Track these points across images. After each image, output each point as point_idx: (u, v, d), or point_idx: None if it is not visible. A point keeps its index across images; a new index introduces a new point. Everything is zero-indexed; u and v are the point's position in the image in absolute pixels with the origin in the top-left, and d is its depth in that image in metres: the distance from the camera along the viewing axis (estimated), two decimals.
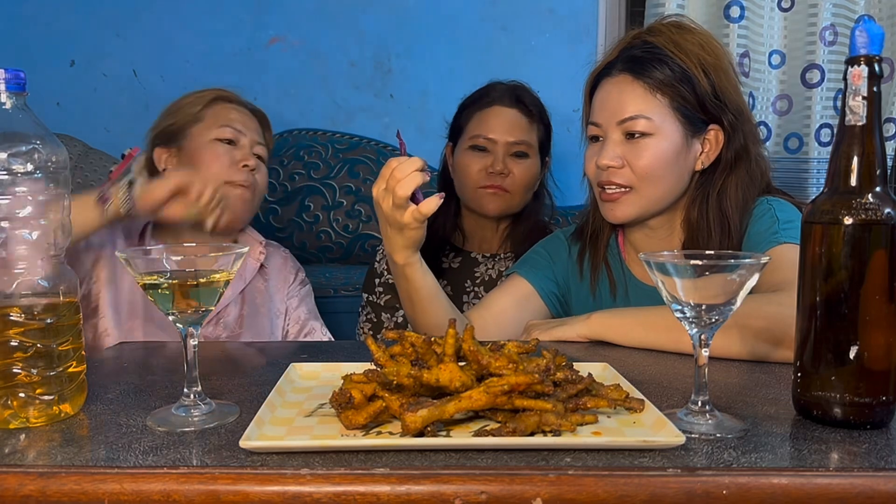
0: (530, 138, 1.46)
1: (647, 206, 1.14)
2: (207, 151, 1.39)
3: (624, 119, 1.11)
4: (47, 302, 0.72)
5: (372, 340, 0.74)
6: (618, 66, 1.14)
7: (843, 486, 0.58)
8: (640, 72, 1.11)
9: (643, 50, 1.13)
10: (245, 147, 1.42)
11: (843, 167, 0.69)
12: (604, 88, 1.15)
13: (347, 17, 2.54)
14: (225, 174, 1.37)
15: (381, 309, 1.53)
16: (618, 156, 1.11)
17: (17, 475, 0.59)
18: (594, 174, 1.16)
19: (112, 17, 2.54)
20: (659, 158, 1.11)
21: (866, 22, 0.70)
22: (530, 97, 1.48)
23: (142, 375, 0.90)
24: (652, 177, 1.12)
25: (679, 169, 1.13)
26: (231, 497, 0.57)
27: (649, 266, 0.71)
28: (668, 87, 1.10)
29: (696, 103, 1.12)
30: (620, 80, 1.13)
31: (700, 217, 1.14)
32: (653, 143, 1.10)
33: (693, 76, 1.10)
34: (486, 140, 1.44)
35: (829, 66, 2.30)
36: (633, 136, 1.11)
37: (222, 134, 1.40)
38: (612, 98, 1.13)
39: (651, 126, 1.10)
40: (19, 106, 0.72)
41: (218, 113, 1.43)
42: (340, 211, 2.42)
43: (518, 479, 0.58)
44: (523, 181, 1.44)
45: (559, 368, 0.73)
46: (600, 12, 2.53)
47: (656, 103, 1.11)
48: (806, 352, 0.71)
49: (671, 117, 1.11)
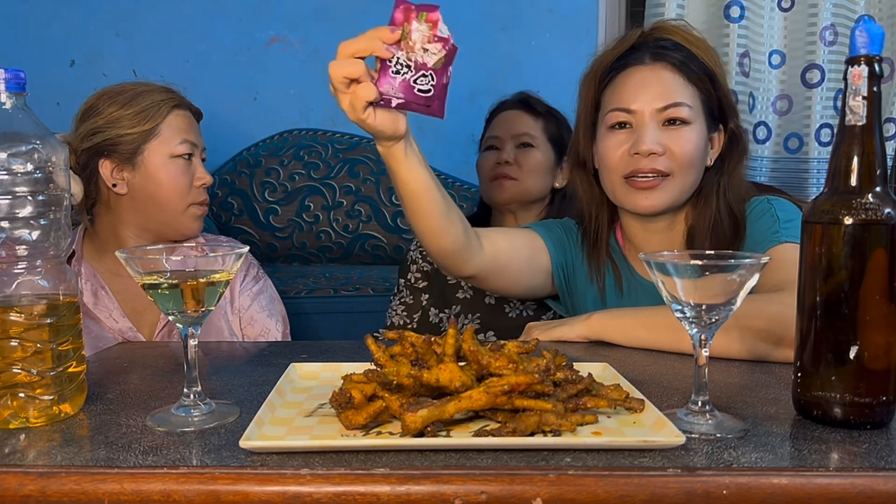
0: (534, 130, 1.57)
1: (679, 195, 1.13)
2: (168, 171, 1.30)
3: (668, 105, 1.10)
4: (47, 302, 0.72)
5: (372, 340, 0.74)
6: (647, 55, 1.13)
7: (843, 486, 0.58)
8: (676, 63, 1.11)
9: (671, 43, 1.13)
10: (198, 160, 1.35)
11: (843, 167, 0.69)
12: (636, 75, 1.13)
13: (347, 17, 2.54)
14: (187, 197, 1.31)
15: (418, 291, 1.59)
16: (659, 142, 1.09)
17: (17, 475, 0.59)
18: (623, 163, 1.12)
19: (112, 17, 2.55)
20: (697, 147, 1.11)
21: (866, 22, 0.70)
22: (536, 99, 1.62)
23: (142, 375, 0.90)
24: (690, 165, 1.11)
25: (702, 162, 1.14)
26: (231, 497, 0.57)
27: (649, 266, 0.71)
28: (698, 79, 1.12)
29: (715, 99, 1.14)
30: (657, 68, 1.12)
31: (717, 211, 1.14)
32: (689, 132, 1.11)
33: (713, 73, 1.13)
34: (494, 139, 1.60)
35: (829, 66, 2.30)
36: (673, 122, 1.10)
37: (181, 150, 1.31)
38: (649, 85, 1.11)
39: (690, 114, 1.10)
40: (19, 106, 0.72)
41: (173, 124, 1.32)
42: (340, 211, 2.42)
43: (518, 479, 0.58)
44: (529, 167, 1.55)
45: (559, 368, 0.73)
46: (600, 12, 2.53)
47: (690, 92, 1.12)
48: (806, 352, 0.71)
49: (700, 109, 1.13)
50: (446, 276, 1.54)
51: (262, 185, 2.45)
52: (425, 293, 1.59)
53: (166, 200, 1.31)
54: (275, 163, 2.47)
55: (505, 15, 2.53)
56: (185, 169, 1.32)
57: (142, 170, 1.30)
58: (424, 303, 1.58)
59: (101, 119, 1.30)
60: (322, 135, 2.53)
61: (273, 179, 2.45)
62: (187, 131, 1.33)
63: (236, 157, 2.52)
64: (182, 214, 1.33)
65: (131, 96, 1.31)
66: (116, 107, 1.30)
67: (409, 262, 1.62)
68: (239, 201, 2.44)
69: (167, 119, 1.31)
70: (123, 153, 1.29)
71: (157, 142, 1.30)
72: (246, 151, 2.53)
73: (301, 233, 2.42)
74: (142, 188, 1.30)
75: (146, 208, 1.31)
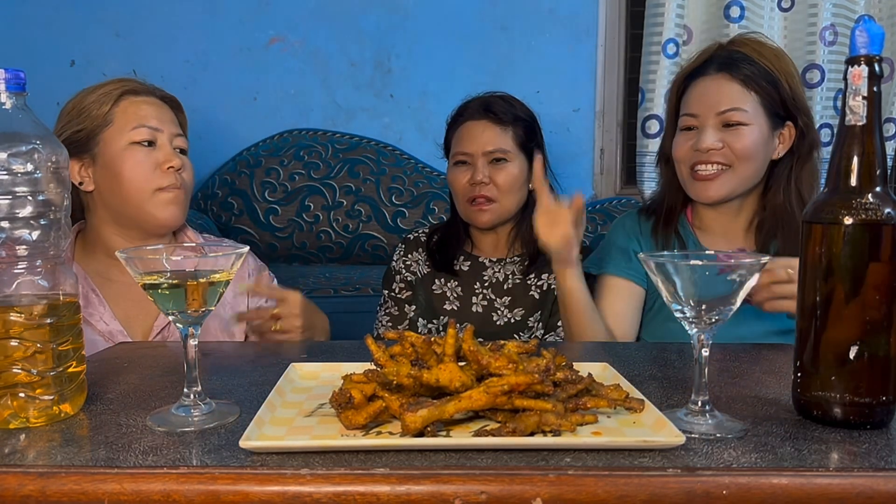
0: (504, 144, 1.51)
1: (739, 185, 1.30)
2: (126, 159, 1.25)
3: (723, 111, 1.28)
4: (47, 302, 0.72)
5: (372, 340, 0.74)
6: (713, 66, 1.31)
7: (843, 486, 0.58)
8: (735, 71, 1.29)
9: (736, 55, 1.31)
10: (165, 145, 1.29)
11: (843, 167, 0.69)
12: (700, 85, 1.32)
13: (347, 17, 2.54)
14: (151, 182, 1.26)
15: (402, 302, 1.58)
16: (717, 139, 1.28)
17: (17, 475, 0.59)
18: (688, 157, 1.31)
19: (112, 17, 2.55)
20: (754, 142, 1.27)
21: (866, 22, 0.70)
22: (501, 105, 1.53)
23: (142, 375, 0.90)
24: (748, 157, 1.28)
25: (764, 156, 1.30)
26: (231, 497, 0.57)
27: (648, 266, 0.71)
28: (759, 86, 1.28)
29: (779, 101, 1.29)
30: (718, 77, 1.30)
31: (785, 199, 1.30)
32: (747, 131, 1.27)
33: (776, 79, 1.29)
34: (465, 155, 1.53)
35: (829, 66, 2.30)
36: (730, 125, 1.28)
37: (138, 136, 1.26)
38: (710, 93, 1.30)
39: (746, 117, 1.27)
40: (19, 106, 0.72)
41: (128, 111, 1.28)
42: (340, 211, 2.42)
43: (518, 479, 0.58)
44: (507, 185, 1.51)
45: (559, 368, 0.73)
46: (600, 12, 2.53)
47: (750, 98, 1.28)
48: (806, 352, 0.71)
49: (761, 111, 1.28)
50: (432, 286, 1.54)
51: (262, 185, 2.45)
52: (410, 304, 1.57)
53: (128, 190, 1.26)
54: (275, 163, 2.47)
55: (505, 15, 2.53)
56: (146, 155, 1.26)
57: (101, 162, 1.27)
58: (411, 314, 1.56)
59: (62, 120, 1.30)
60: (322, 135, 2.53)
61: (273, 179, 2.45)
62: (145, 117, 1.28)
63: (236, 157, 2.52)
64: (149, 203, 1.27)
65: (87, 92, 1.30)
66: (71, 105, 1.30)
67: (394, 273, 1.60)
68: (239, 201, 2.44)
69: (120, 106, 1.28)
70: (82, 148, 1.28)
71: (110, 131, 1.27)
72: (246, 151, 2.53)
73: (301, 233, 2.42)
74: (104, 181, 1.28)
75: (113, 201, 1.28)
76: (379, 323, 1.60)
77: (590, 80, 2.54)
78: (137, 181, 1.26)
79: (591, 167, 2.60)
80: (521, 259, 1.55)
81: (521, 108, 1.55)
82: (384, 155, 2.49)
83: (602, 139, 2.60)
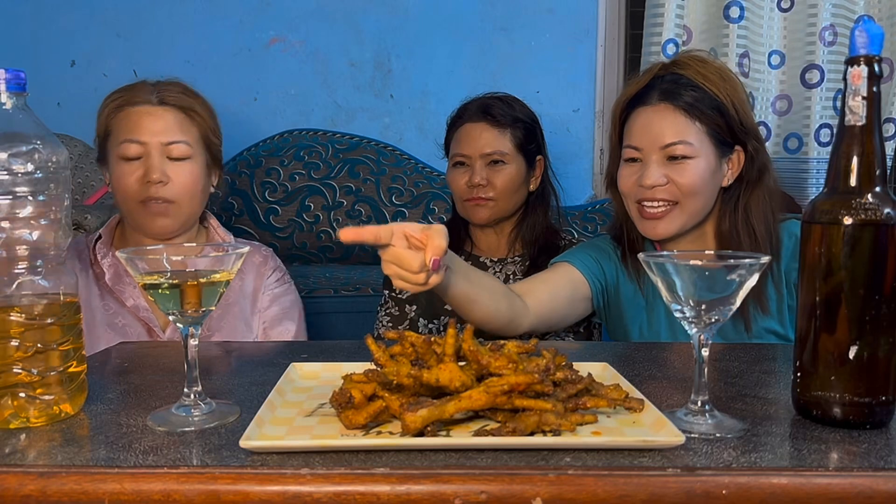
0: (503, 146, 1.52)
1: (688, 221, 1.24)
2: (115, 171, 1.31)
3: (667, 144, 1.21)
4: (47, 302, 0.72)
5: (372, 340, 0.74)
6: (655, 96, 1.24)
7: (843, 486, 0.58)
8: (677, 100, 1.22)
9: (677, 82, 1.24)
10: (151, 157, 1.29)
11: (843, 167, 0.69)
12: (642, 116, 1.25)
13: (347, 17, 2.54)
14: (137, 195, 1.29)
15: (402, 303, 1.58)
16: (662, 175, 1.22)
17: (18, 475, 0.59)
18: (634, 192, 1.25)
19: (112, 17, 2.55)
20: (700, 175, 1.21)
21: (866, 22, 0.70)
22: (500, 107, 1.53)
23: (142, 375, 0.90)
24: (694, 192, 1.22)
25: (713, 186, 1.24)
26: (231, 497, 0.57)
27: (648, 266, 0.71)
28: (703, 114, 1.21)
29: (725, 128, 1.22)
30: (661, 108, 1.23)
31: (731, 227, 1.24)
32: (693, 164, 1.21)
33: (722, 104, 1.22)
34: (463, 157, 1.53)
35: (828, 66, 2.30)
36: (675, 158, 1.21)
37: (123, 151, 1.30)
38: (653, 125, 1.23)
39: (690, 150, 1.21)
40: (19, 106, 0.72)
41: (121, 123, 1.31)
42: (340, 211, 2.42)
43: (518, 479, 0.58)
44: (504, 187, 1.51)
45: (559, 368, 0.73)
46: (600, 12, 2.53)
47: (695, 129, 1.21)
48: (806, 352, 0.71)
49: (707, 141, 1.22)
50: None
51: (263, 186, 2.45)
52: (411, 304, 1.57)
53: (120, 199, 1.33)
54: (275, 163, 2.47)
55: (504, 15, 2.53)
56: (131, 169, 1.30)
57: (109, 169, 1.35)
58: (412, 314, 1.56)
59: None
60: (322, 135, 2.53)
61: (273, 179, 2.45)
62: (133, 130, 1.30)
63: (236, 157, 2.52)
64: (138, 213, 1.32)
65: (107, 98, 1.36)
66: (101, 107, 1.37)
67: None
68: (239, 201, 2.44)
69: (117, 117, 1.32)
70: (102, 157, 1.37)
71: (111, 142, 1.33)
72: (246, 151, 2.53)
73: (301, 233, 2.42)
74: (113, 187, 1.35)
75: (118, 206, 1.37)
76: (379, 323, 1.61)
77: (590, 80, 2.54)
78: (123, 192, 1.31)
79: (591, 167, 2.60)
80: (522, 259, 1.55)
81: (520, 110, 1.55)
82: (384, 155, 2.49)
83: (602, 139, 2.60)
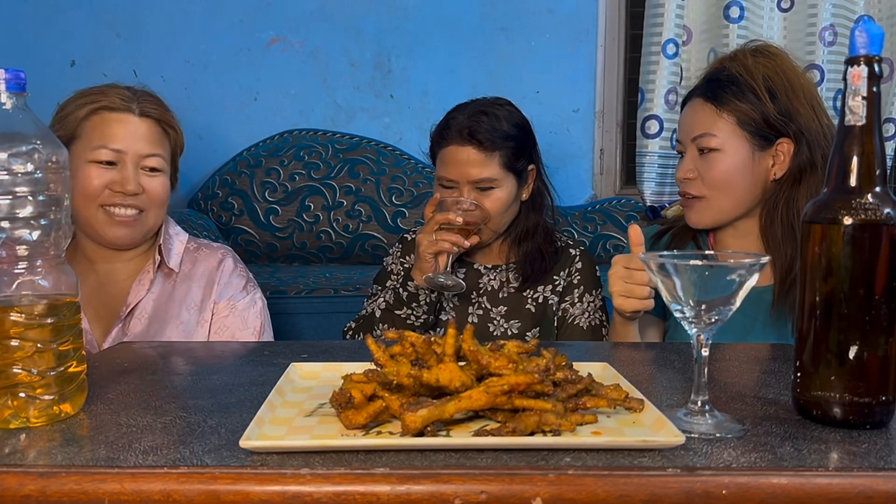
0: (491, 171, 1.44)
1: (720, 215, 1.26)
2: (80, 173, 1.25)
3: (695, 137, 1.25)
4: (47, 302, 0.72)
5: (372, 340, 0.74)
6: (698, 90, 1.28)
7: (843, 486, 0.58)
8: (709, 94, 1.25)
9: (717, 74, 1.27)
10: (126, 167, 1.26)
11: (843, 167, 0.69)
12: (685, 109, 1.31)
13: (347, 17, 2.54)
14: (98, 199, 1.26)
15: None
16: (691, 168, 1.26)
17: (17, 475, 0.59)
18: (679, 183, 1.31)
19: (112, 17, 2.55)
20: (727, 171, 1.23)
21: (866, 22, 0.70)
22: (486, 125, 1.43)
23: (142, 375, 0.90)
24: (722, 187, 1.24)
25: (748, 180, 1.24)
26: (231, 497, 0.57)
27: (648, 266, 0.71)
28: (733, 107, 1.22)
29: (760, 120, 1.21)
30: (695, 102, 1.28)
31: (769, 225, 1.23)
32: (720, 158, 1.23)
33: (758, 95, 1.21)
34: (450, 181, 1.47)
35: (828, 66, 2.30)
36: (704, 151, 1.24)
37: (97, 156, 1.25)
38: (687, 118, 1.29)
39: (716, 142, 1.23)
40: (19, 106, 0.72)
41: (96, 128, 1.27)
42: (340, 211, 2.42)
43: (518, 479, 0.58)
44: (495, 210, 1.46)
45: (559, 368, 0.73)
46: (600, 12, 2.54)
47: (722, 122, 1.23)
48: (806, 352, 0.71)
49: (737, 134, 1.22)
50: None
51: (263, 185, 2.45)
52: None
53: (76, 202, 1.26)
54: (275, 163, 2.47)
55: (504, 15, 2.53)
56: (101, 173, 1.26)
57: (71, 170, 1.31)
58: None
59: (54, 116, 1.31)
60: (322, 135, 2.53)
61: (273, 179, 2.45)
62: (110, 137, 1.26)
63: (236, 157, 2.52)
64: (93, 219, 1.27)
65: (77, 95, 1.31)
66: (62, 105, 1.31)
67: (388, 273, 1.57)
68: (239, 201, 2.44)
69: (91, 121, 1.27)
70: None
71: (77, 144, 1.27)
72: (246, 151, 2.53)
73: (301, 233, 2.42)
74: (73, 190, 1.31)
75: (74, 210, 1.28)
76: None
77: (589, 80, 2.54)
78: (87, 195, 1.26)
79: (591, 167, 2.60)
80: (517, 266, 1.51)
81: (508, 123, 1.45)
82: (384, 155, 2.50)
83: (602, 139, 2.60)
